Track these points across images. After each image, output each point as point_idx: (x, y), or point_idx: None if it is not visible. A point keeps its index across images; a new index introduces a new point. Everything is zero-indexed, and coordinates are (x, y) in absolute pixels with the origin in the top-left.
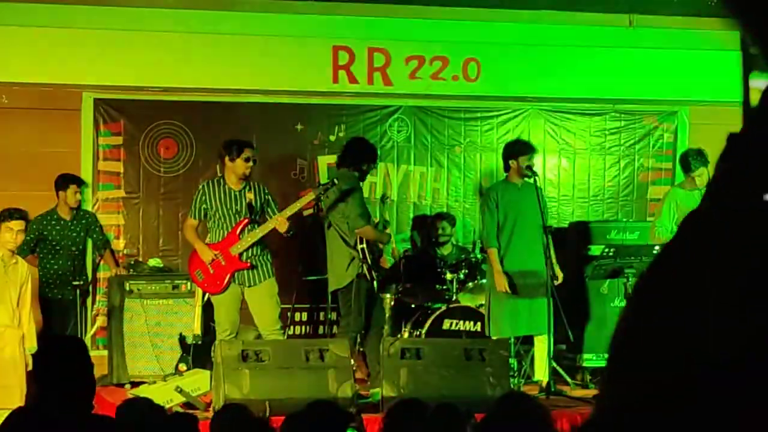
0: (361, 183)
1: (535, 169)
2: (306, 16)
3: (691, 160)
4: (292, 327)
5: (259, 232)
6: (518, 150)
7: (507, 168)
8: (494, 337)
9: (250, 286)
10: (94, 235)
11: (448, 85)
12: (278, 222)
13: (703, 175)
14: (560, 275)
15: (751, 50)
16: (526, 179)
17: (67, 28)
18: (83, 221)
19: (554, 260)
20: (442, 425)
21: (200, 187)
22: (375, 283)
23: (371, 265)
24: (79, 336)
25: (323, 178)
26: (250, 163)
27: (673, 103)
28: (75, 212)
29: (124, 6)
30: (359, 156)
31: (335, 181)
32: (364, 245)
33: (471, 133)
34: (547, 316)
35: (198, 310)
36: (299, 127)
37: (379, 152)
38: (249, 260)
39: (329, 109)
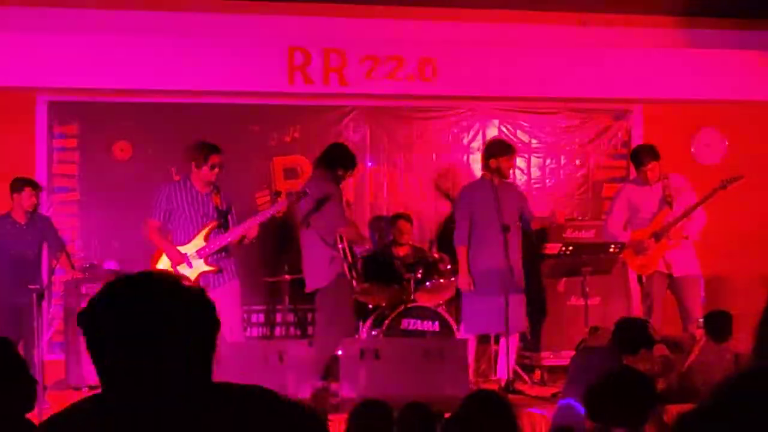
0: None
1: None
2: (261, 16)
3: (642, 155)
4: (248, 328)
5: (228, 236)
6: (500, 150)
7: (486, 167)
8: (467, 336)
9: (214, 288)
10: (50, 239)
11: (403, 84)
12: (249, 229)
13: (654, 170)
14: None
15: None
16: (503, 179)
17: (20, 30)
18: (38, 225)
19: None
20: (413, 424)
21: (166, 188)
22: (354, 282)
23: (351, 264)
24: (35, 341)
25: (279, 178)
26: (217, 170)
27: (627, 101)
28: (30, 216)
29: (78, 8)
30: (337, 161)
31: (307, 191)
32: (345, 245)
33: (426, 132)
34: (521, 315)
35: None
36: (255, 127)
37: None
38: (214, 263)
39: (285, 110)
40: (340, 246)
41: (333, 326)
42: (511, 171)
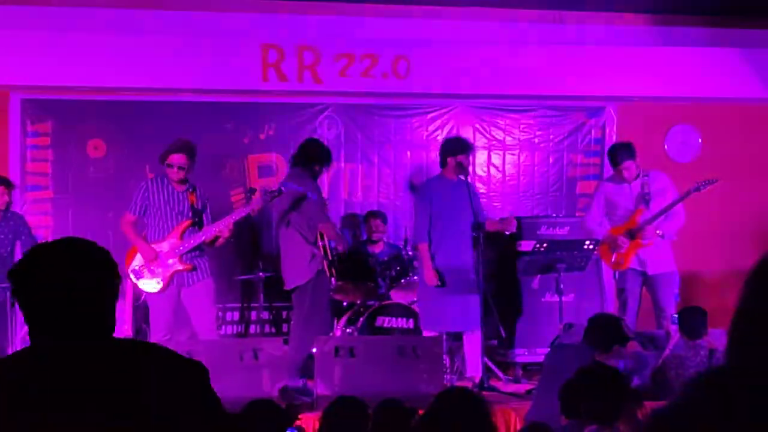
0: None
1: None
2: (235, 14)
3: (618, 153)
4: (223, 327)
5: (202, 235)
6: (459, 148)
7: (443, 164)
8: (427, 333)
9: (188, 285)
10: (23, 237)
11: (377, 82)
12: (223, 229)
13: (630, 169)
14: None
15: None
16: (460, 177)
17: None
18: (11, 223)
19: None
20: (388, 421)
21: (144, 182)
22: (333, 279)
23: (331, 262)
24: (9, 339)
25: (253, 176)
26: (175, 169)
27: (601, 99)
28: (3, 214)
29: (52, 6)
30: (313, 157)
31: (282, 189)
32: (325, 242)
33: (401, 129)
34: (478, 312)
35: (129, 310)
36: (229, 125)
37: None
38: (189, 261)
39: (259, 107)
40: (320, 243)
41: (310, 324)
42: (469, 168)
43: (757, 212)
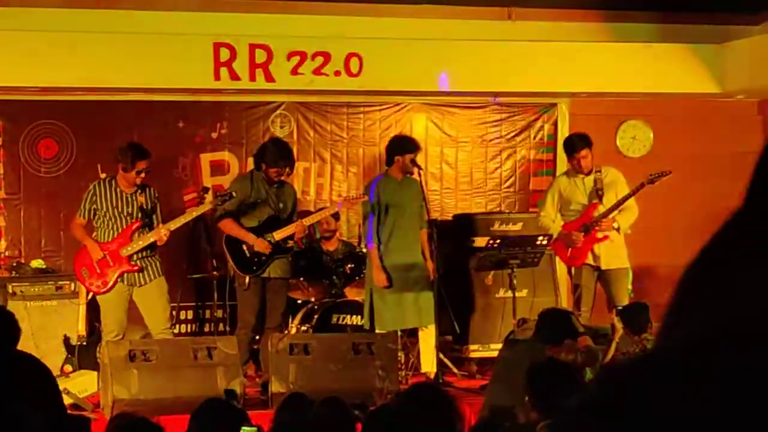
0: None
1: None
2: (186, 12)
3: (575, 142)
4: (177, 326)
5: (153, 235)
6: (405, 146)
7: (390, 163)
8: (379, 332)
9: (140, 286)
10: None
11: (330, 80)
12: (160, 235)
13: (587, 158)
14: (432, 269)
15: None
16: (407, 175)
17: None
18: None
19: (428, 255)
20: (328, 418)
21: (91, 186)
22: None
23: (264, 262)
24: None
25: (206, 175)
26: (143, 175)
27: (553, 95)
28: None
29: (2, 6)
30: (257, 157)
31: (233, 193)
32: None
33: (354, 127)
34: (431, 309)
35: (82, 310)
36: (181, 124)
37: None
38: (138, 262)
39: (211, 106)
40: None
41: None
42: (415, 167)
43: (709, 205)
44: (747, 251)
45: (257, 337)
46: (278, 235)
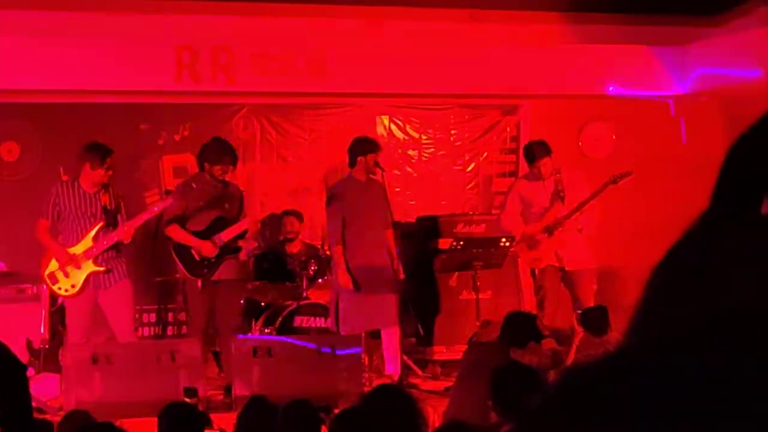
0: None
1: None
2: (149, 15)
3: (535, 150)
4: (140, 328)
5: (116, 235)
6: (368, 147)
7: (353, 164)
8: (345, 334)
9: (105, 288)
10: None
11: (292, 81)
12: (123, 233)
13: (547, 165)
14: (400, 270)
15: None
16: (370, 175)
17: None
18: None
19: (395, 255)
20: (296, 421)
21: (54, 188)
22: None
23: (214, 264)
24: None
25: (168, 178)
26: (110, 172)
27: (516, 96)
28: None
29: None
30: (199, 158)
31: (193, 185)
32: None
33: (317, 129)
34: (396, 310)
35: (45, 314)
36: (143, 126)
37: None
38: (104, 263)
39: (174, 108)
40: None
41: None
42: (378, 168)
43: (672, 206)
44: (715, 252)
45: (217, 340)
46: (225, 235)
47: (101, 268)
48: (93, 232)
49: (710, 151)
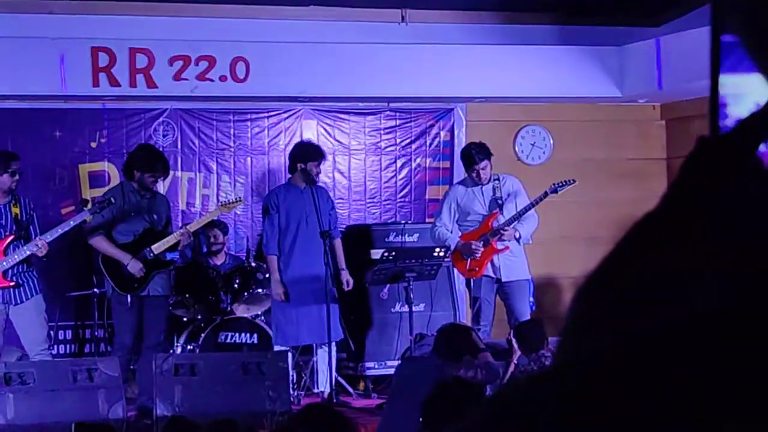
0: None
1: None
2: (62, 16)
3: (474, 152)
4: (56, 346)
5: (29, 248)
6: (309, 155)
7: (292, 170)
8: (280, 347)
9: (16, 304)
10: None
11: (215, 85)
12: (38, 246)
13: (486, 168)
14: (350, 281)
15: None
16: (308, 184)
17: None
18: None
19: (343, 265)
20: None
21: None
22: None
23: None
24: None
25: (85, 186)
26: (17, 177)
27: (449, 100)
28: None
29: None
30: (127, 167)
31: (112, 199)
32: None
33: (241, 135)
34: (332, 324)
35: None
36: (58, 134)
37: None
38: (14, 278)
39: (90, 113)
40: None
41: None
42: (319, 176)
43: (613, 214)
44: (652, 260)
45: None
46: (157, 248)
47: (11, 283)
48: (3, 245)
49: (649, 156)
